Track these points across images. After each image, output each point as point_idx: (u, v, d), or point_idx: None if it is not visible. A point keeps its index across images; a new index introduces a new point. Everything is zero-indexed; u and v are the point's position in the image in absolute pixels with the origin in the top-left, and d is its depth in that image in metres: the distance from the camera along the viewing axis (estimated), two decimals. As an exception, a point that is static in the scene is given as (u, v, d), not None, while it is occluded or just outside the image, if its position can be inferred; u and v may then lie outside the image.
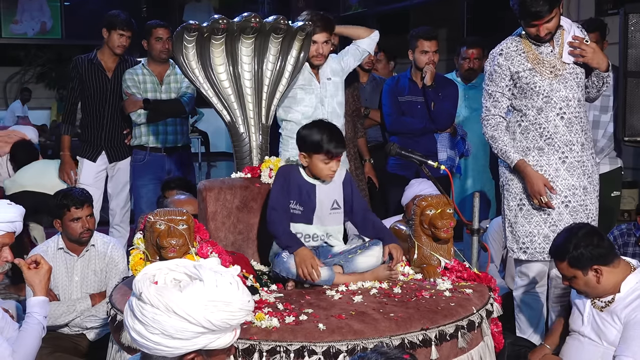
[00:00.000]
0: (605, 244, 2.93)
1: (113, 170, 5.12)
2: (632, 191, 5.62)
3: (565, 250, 2.93)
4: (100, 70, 4.98)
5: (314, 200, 3.08)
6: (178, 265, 1.82)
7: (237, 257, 3.08)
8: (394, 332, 2.52)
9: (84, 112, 5.06)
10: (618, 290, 2.92)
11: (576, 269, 2.92)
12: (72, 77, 5.03)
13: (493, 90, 3.53)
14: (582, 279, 2.93)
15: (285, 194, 3.08)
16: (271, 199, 3.11)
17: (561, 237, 3.01)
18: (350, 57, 4.09)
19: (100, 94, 4.99)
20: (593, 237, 2.91)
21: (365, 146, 4.87)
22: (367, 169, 4.85)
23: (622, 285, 2.92)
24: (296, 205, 3.07)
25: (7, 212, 2.66)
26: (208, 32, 3.34)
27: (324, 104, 3.92)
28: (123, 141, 5.09)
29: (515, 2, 3.37)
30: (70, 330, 3.63)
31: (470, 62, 5.01)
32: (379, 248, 3.03)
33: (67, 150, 5.09)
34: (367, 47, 4.12)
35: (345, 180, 3.16)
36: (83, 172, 5.06)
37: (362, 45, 4.09)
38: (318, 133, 3.00)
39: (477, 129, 4.95)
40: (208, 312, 1.72)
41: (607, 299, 2.95)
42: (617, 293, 2.92)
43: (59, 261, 3.64)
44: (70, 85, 5.05)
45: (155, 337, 1.73)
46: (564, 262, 2.94)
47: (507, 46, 3.52)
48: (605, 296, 2.95)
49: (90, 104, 5.00)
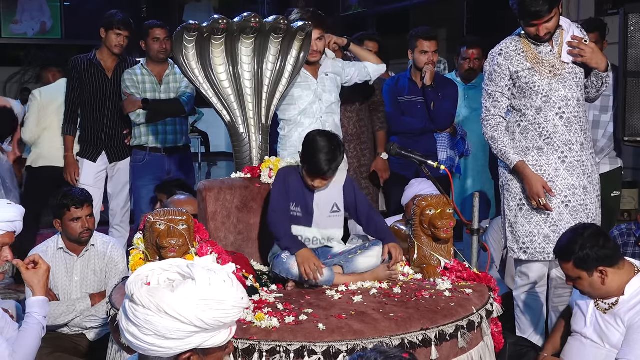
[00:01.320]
0: (611, 245, 2.90)
1: (113, 170, 5.11)
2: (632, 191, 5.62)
3: (570, 250, 2.89)
4: (99, 70, 4.98)
5: (312, 202, 3.08)
6: (171, 265, 1.82)
7: (237, 257, 3.08)
8: (394, 332, 2.52)
9: (84, 112, 5.05)
10: (622, 293, 2.90)
11: (581, 269, 2.88)
12: (72, 77, 5.02)
13: (493, 90, 3.53)
14: (587, 280, 2.90)
15: (285, 196, 3.08)
16: (271, 201, 3.11)
17: (566, 237, 2.96)
18: (356, 73, 4.05)
19: (100, 94, 4.98)
20: (599, 238, 2.89)
21: (383, 139, 4.62)
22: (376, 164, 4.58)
23: (627, 288, 2.89)
24: (296, 208, 3.08)
25: (6, 211, 2.66)
26: (208, 32, 3.34)
27: (322, 98, 3.91)
28: (123, 141, 5.09)
29: (515, 2, 3.37)
30: (70, 330, 3.63)
31: (471, 62, 5.01)
32: (379, 248, 3.04)
33: (70, 151, 5.07)
34: (372, 72, 4.11)
35: (346, 184, 3.16)
36: (83, 173, 5.06)
37: (369, 68, 4.09)
38: (317, 151, 2.96)
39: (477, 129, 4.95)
40: (200, 311, 1.72)
41: (611, 301, 2.92)
42: (621, 295, 2.90)
43: (59, 261, 3.64)
44: (70, 85, 5.03)
45: (149, 338, 1.73)
46: (569, 262, 2.91)
47: (507, 46, 3.52)
48: (609, 298, 2.92)
49: (90, 104, 5.00)
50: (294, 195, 3.09)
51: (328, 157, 2.96)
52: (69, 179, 5.04)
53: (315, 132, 3.10)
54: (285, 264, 2.94)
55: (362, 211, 3.17)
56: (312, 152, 2.98)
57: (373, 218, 3.18)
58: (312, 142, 3.00)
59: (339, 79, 4.03)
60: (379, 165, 4.58)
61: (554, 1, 3.31)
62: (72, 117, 5.05)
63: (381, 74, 4.21)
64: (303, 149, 3.06)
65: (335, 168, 3.00)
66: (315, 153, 2.96)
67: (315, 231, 3.09)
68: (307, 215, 3.08)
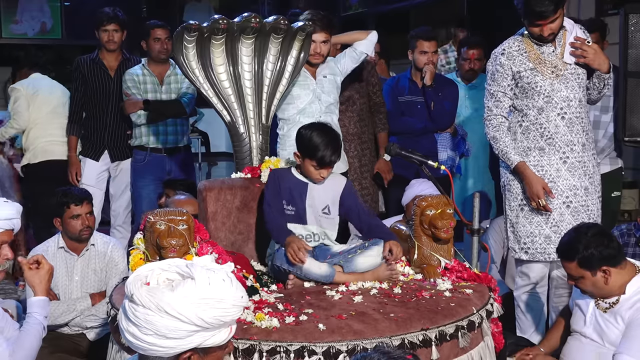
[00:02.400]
0: (615, 245, 2.90)
1: (116, 170, 5.11)
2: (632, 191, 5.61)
3: (574, 250, 2.88)
4: (102, 70, 5.00)
5: (305, 199, 3.10)
6: (170, 265, 1.82)
7: (237, 257, 3.08)
8: (394, 332, 2.52)
9: (87, 111, 5.06)
10: (623, 292, 2.90)
11: (585, 269, 2.88)
12: (75, 78, 5.04)
13: (495, 90, 3.52)
14: (590, 279, 2.90)
15: (278, 197, 3.10)
16: (265, 202, 3.15)
17: (569, 236, 2.96)
18: (347, 59, 4.08)
19: (103, 93, 5.00)
20: (603, 237, 2.88)
21: (385, 141, 4.57)
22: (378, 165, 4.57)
23: (628, 286, 2.90)
24: (288, 206, 3.10)
25: (3, 209, 2.66)
26: (208, 32, 3.34)
27: (320, 99, 3.92)
28: (126, 140, 5.09)
29: (520, 2, 3.36)
30: (70, 330, 3.63)
31: (471, 62, 5.01)
32: (379, 248, 3.03)
33: (73, 151, 5.10)
34: (365, 49, 4.11)
35: (345, 191, 3.17)
36: (85, 172, 5.07)
37: (359, 48, 4.09)
38: (317, 138, 3.02)
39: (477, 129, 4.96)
40: (200, 310, 1.72)
41: (612, 300, 2.93)
42: (622, 294, 2.91)
43: (59, 260, 3.65)
44: (74, 85, 5.05)
45: (149, 338, 1.73)
46: (572, 262, 2.90)
47: (509, 46, 3.51)
48: (611, 297, 2.93)
49: (93, 103, 5.02)
50: (286, 194, 3.12)
51: (331, 145, 3.02)
52: (70, 179, 5.04)
53: (307, 127, 3.12)
54: (285, 257, 2.95)
55: (364, 219, 3.19)
56: (314, 147, 3.01)
57: (372, 223, 3.19)
58: (310, 137, 3.04)
59: (338, 78, 4.04)
60: (382, 166, 4.57)
61: (559, 2, 3.31)
62: (76, 117, 5.07)
63: (374, 43, 4.17)
64: (301, 146, 3.08)
65: (339, 153, 3.07)
66: (318, 146, 3.00)
67: (311, 227, 3.12)
68: (301, 211, 3.11)
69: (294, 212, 3.11)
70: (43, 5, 9.39)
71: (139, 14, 9.43)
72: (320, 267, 2.96)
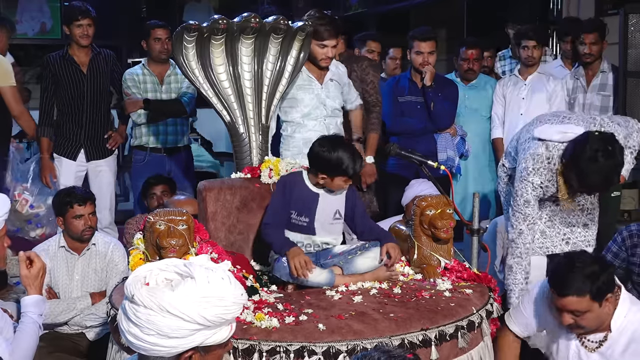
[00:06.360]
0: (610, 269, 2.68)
1: (95, 171, 4.90)
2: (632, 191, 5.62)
3: (583, 286, 2.59)
4: (74, 66, 4.78)
5: (316, 209, 3.08)
6: (168, 265, 1.83)
7: (237, 257, 3.08)
8: (393, 332, 2.52)
9: (61, 110, 4.80)
10: (608, 326, 2.68)
11: (596, 301, 2.61)
12: (45, 77, 4.78)
13: (529, 212, 3.33)
14: (596, 312, 2.63)
15: (286, 206, 3.08)
16: (268, 211, 3.12)
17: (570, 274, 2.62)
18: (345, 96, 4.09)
19: (76, 90, 4.77)
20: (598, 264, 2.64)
21: (374, 143, 4.36)
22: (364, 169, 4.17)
23: (612, 322, 2.67)
24: (300, 217, 3.08)
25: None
26: (208, 32, 3.34)
27: (325, 103, 3.91)
28: (103, 139, 4.89)
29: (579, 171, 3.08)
30: (70, 329, 3.63)
31: (469, 62, 5.01)
32: (378, 249, 3.04)
33: (46, 153, 4.74)
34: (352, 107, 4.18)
35: (349, 191, 3.16)
36: (63, 173, 4.80)
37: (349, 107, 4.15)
38: (339, 155, 2.97)
39: (477, 129, 4.97)
40: (202, 308, 1.73)
41: (599, 338, 2.71)
42: (608, 332, 2.69)
43: (60, 259, 3.65)
44: (43, 85, 4.78)
45: (152, 338, 1.73)
46: (584, 297, 2.60)
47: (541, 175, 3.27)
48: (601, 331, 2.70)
49: (67, 101, 4.78)
50: (298, 205, 3.08)
51: (353, 156, 2.99)
52: (44, 182, 4.74)
53: (320, 148, 3.03)
54: (286, 268, 2.94)
55: (360, 221, 3.17)
56: (340, 165, 2.97)
57: (369, 225, 3.19)
58: (330, 158, 2.97)
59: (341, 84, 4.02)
60: (365, 169, 4.23)
61: (612, 184, 3.17)
62: (46, 118, 4.76)
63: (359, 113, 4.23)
64: (326, 168, 3.01)
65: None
66: (344, 162, 2.96)
67: (318, 238, 3.11)
68: (311, 222, 3.08)
69: (305, 223, 3.08)
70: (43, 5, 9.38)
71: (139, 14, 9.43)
72: (320, 275, 2.95)
